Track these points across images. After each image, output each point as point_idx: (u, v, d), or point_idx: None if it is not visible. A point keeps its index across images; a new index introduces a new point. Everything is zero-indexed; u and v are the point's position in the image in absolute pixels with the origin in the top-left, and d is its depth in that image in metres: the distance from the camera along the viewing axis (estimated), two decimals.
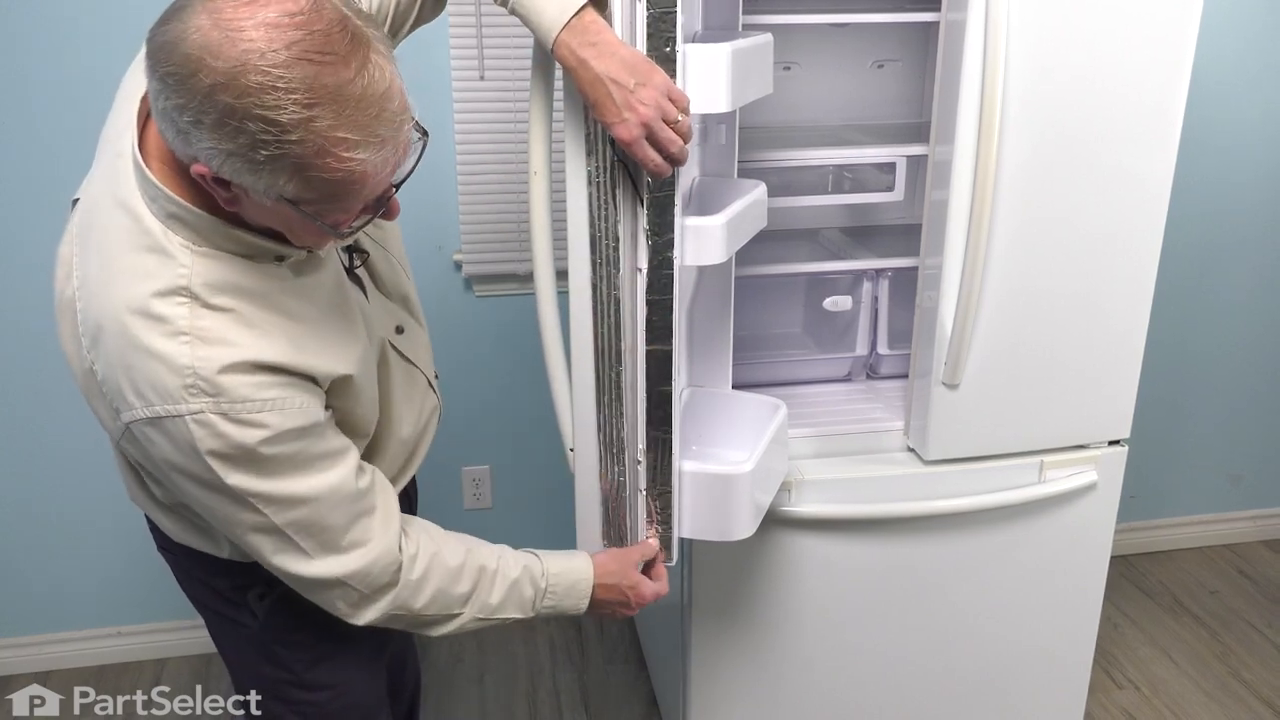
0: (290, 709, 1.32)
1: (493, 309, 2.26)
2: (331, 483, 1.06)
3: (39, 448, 2.18)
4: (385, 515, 1.13)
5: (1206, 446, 2.70)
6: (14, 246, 2.03)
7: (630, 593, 1.33)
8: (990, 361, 1.64)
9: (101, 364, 1.00)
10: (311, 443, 1.04)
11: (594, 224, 1.27)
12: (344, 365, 1.07)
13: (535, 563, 1.26)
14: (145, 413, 0.98)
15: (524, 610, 1.25)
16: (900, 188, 1.76)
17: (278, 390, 1.00)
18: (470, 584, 1.20)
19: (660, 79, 1.14)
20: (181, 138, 0.90)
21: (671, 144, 1.15)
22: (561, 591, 1.27)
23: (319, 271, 1.09)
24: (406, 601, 1.15)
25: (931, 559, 1.76)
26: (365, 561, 1.10)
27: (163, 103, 0.89)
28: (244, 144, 0.87)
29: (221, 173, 0.90)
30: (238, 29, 0.85)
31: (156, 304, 0.96)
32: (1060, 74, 1.50)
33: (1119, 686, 2.29)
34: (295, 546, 1.07)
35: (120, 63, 1.11)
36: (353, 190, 0.93)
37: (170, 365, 0.96)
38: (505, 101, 2.08)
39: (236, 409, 0.97)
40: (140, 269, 0.97)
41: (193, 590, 1.31)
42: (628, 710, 2.23)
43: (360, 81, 0.88)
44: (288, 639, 1.28)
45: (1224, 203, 2.45)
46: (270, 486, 1.02)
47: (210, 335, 0.97)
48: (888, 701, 1.87)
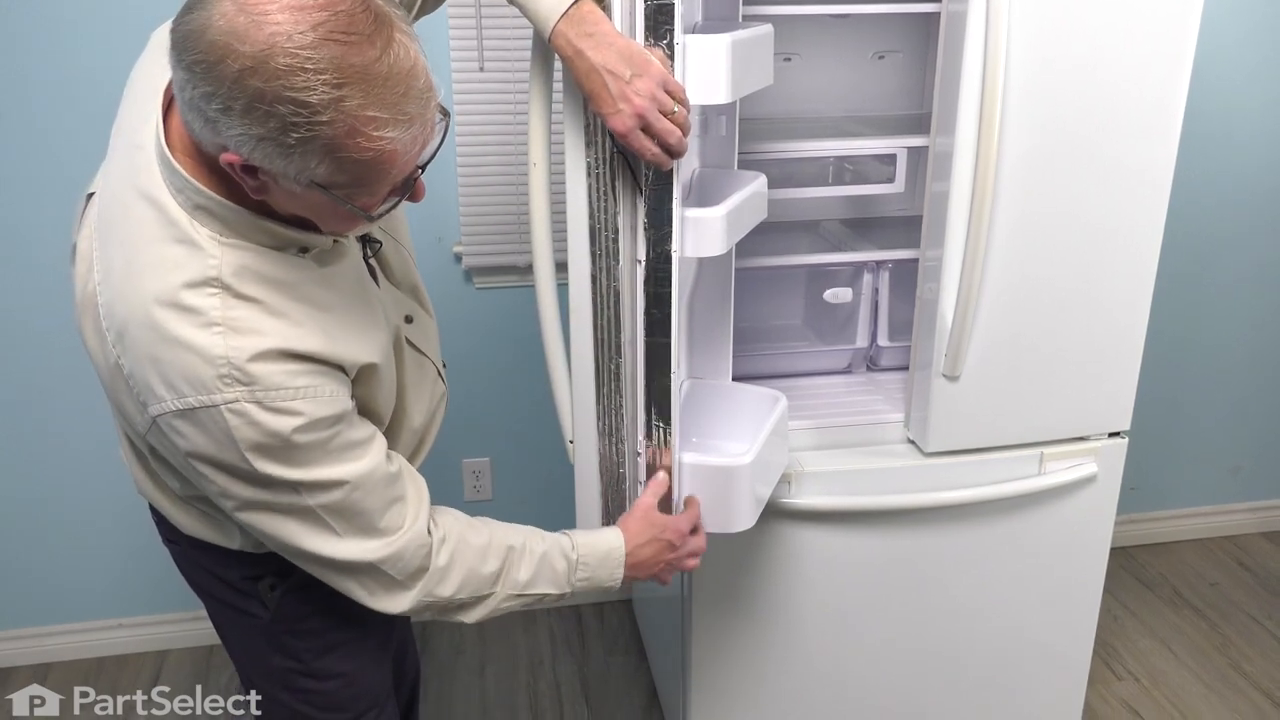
0: (300, 698, 1.32)
1: (493, 301, 2.26)
2: (365, 468, 1.06)
3: (41, 440, 2.18)
4: (417, 500, 1.14)
5: (1206, 439, 2.70)
6: (16, 242, 2.03)
7: (669, 537, 1.32)
8: (990, 353, 1.64)
9: (128, 359, 0.99)
10: (343, 430, 1.04)
11: (593, 215, 1.27)
12: (369, 353, 1.08)
13: (563, 538, 1.26)
14: (176, 404, 0.98)
15: (558, 585, 1.24)
16: (901, 179, 1.76)
17: (309, 378, 1.00)
18: (498, 562, 1.19)
19: (657, 70, 1.14)
20: (210, 126, 0.90)
21: (668, 135, 1.15)
22: (594, 563, 1.26)
23: (341, 262, 1.09)
24: (436, 587, 1.15)
25: (931, 551, 1.77)
26: (398, 546, 1.10)
27: (190, 92, 0.88)
28: (275, 128, 0.87)
29: (252, 159, 0.90)
30: (263, 13, 0.84)
31: (187, 295, 0.96)
32: (1061, 65, 1.49)
33: (1119, 678, 2.30)
34: (329, 529, 1.07)
35: (119, 59, 1.11)
36: (382, 171, 0.93)
37: (204, 355, 0.95)
38: (505, 93, 2.07)
39: (271, 397, 0.97)
40: (168, 260, 0.97)
41: (200, 581, 1.30)
42: (628, 701, 2.24)
43: (386, 60, 0.88)
44: (298, 628, 1.28)
45: (1224, 194, 2.44)
46: (304, 474, 1.02)
47: (242, 325, 0.96)
48: (888, 692, 1.88)
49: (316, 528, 1.06)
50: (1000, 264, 1.58)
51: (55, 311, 2.07)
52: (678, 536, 1.33)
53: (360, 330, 1.08)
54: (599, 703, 2.24)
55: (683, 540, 1.34)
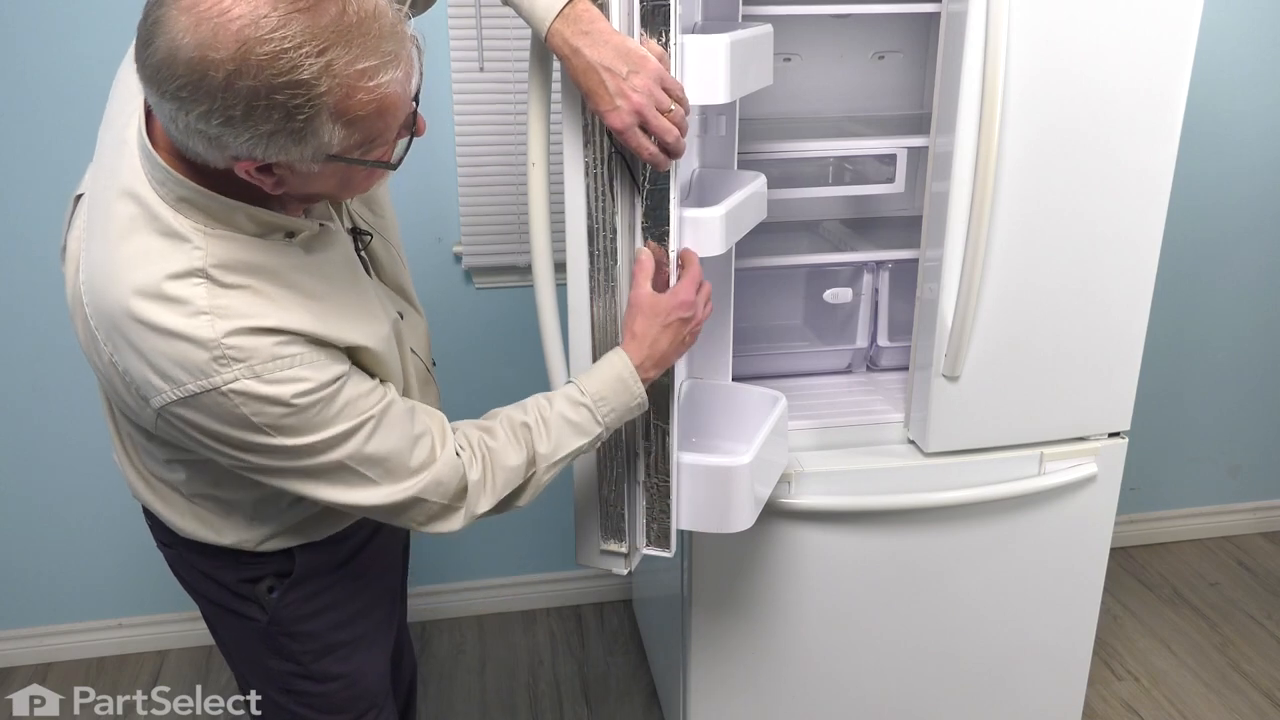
0: (298, 701, 1.32)
1: (492, 301, 2.26)
2: (377, 413, 1.06)
3: (41, 440, 2.18)
4: (440, 429, 1.14)
5: (1206, 439, 2.70)
6: (11, 242, 2.03)
7: (678, 315, 1.25)
8: (990, 353, 1.64)
9: (120, 354, 0.99)
10: (345, 387, 1.04)
11: (591, 215, 1.27)
12: (360, 337, 1.07)
13: (569, 388, 1.23)
14: (176, 393, 0.98)
15: (588, 434, 1.22)
16: (901, 179, 1.76)
17: (300, 347, 1.00)
18: (524, 450, 1.18)
19: (654, 67, 1.13)
20: (215, 145, 0.90)
21: (666, 133, 1.15)
22: (610, 394, 1.23)
23: (330, 250, 1.09)
24: (479, 501, 1.15)
25: (931, 551, 1.77)
26: (432, 476, 1.11)
27: (183, 119, 0.88)
28: (280, 118, 0.87)
29: (267, 158, 0.91)
30: (220, 12, 0.84)
31: (171, 286, 0.95)
32: (1061, 65, 1.49)
33: (1119, 678, 2.30)
34: (364, 479, 1.07)
35: (119, 55, 1.11)
36: (389, 117, 0.94)
37: (196, 341, 0.95)
38: (505, 93, 2.07)
39: (269, 369, 0.97)
40: (151, 251, 0.97)
41: (195, 585, 1.30)
42: (627, 701, 2.24)
43: (350, 10, 0.88)
44: (295, 630, 1.28)
45: (1224, 195, 2.44)
46: (319, 435, 1.02)
47: (230, 311, 0.96)
48: (887, 692, 1.88)
49: (352, 481, 1.06)
50: (1000, 264, 1.58)
51: (54, 311, 2.06)
52: (686, 308, 1.26)
53: (352, 317, 1.08)
54: (599, 703, 2.24)
55: (692, 308, 1.26)
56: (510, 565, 2.49)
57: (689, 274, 1.28)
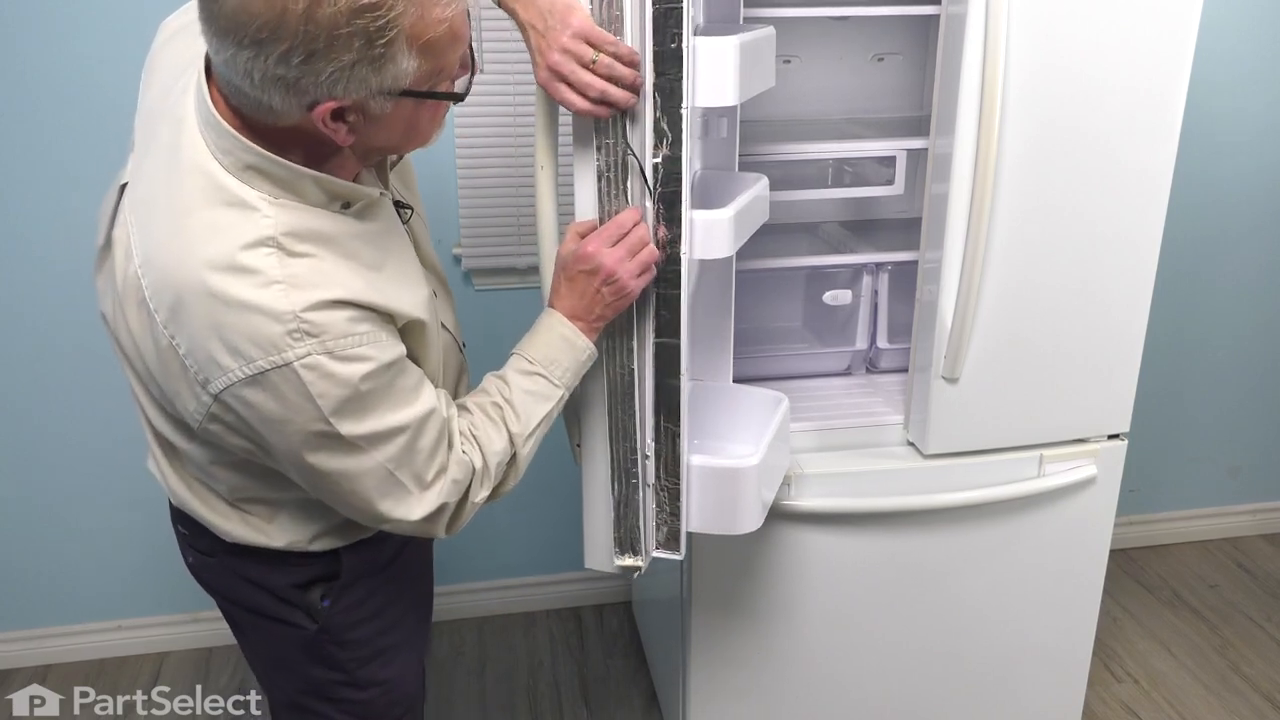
0: (339, 709, 1.30)
1: (492, 303, 2.25)
2: (422, 410, 1.06)
3: (41, 441, 2.18)
4: (463, 433, 1.15)
5: (1206, 440, 2.70)
6: (11, 242, 2.03)
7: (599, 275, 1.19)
8: (990, 355, 1.64)
9: (184, 335, 0.98)
10: (398, 376, 1.04)
11: (603, 218, 1.26)
12: (416, 309, 1.07)
13: (516, 359, 1.23)
14: (245, 371, 0.96)
15: (550, 397, 1.21)
16: (900, 181, 1.76)
17: (369, 324, 1.00)
18: (503, 430, 1.18)
19: (577, 20, 1.13)
20: (293, 91, 0.90)
21: (587, 88, 1.14)
22: (559, 354, 1.22)
23: (378, 220, 1.08)
24: (480, 487, 1.15)
25: (931, 552, 1.77)
26: (453, 479, 1.11)
27: (261, 67, 0.88)
28: (361, 45, 0.88)
29: (349, 94, 0.92)
30: None
31: (244, 256, 0.95)
32: (1061, 66, 1.50)
33: (1118, 680, 2.30)
34: (402, 487, 1.06)
35: (118, 55, 1.11)
36: (457, 41, 0.96)
37: (270, 313, 0.94)
38: (505, 94, 2.07)
39: (341, 345, 0.97)
40: (220, 224, 0.96)
41: (237, 594, 1.26)
42: (627, 703, 2.24)
43: None
44: (345, 639, 1.26)
45: (1223, 195, 2.44)
46: (373, 425, 1.02)
47: (302, 280, 0.96)
48: (887, 694, 1.88)
49: (387, 486, 1.06)
50: (999, 266, 1.59)
51: (54, 311, 2.07)
52: (585, 261, 1.19)
53: (405, 286, 1.07)
54: (598, 704, 2.24)
55: (592, 261, 1.19)
56: (510, 567, 2.49)
57: (600, 230, 1.22)
